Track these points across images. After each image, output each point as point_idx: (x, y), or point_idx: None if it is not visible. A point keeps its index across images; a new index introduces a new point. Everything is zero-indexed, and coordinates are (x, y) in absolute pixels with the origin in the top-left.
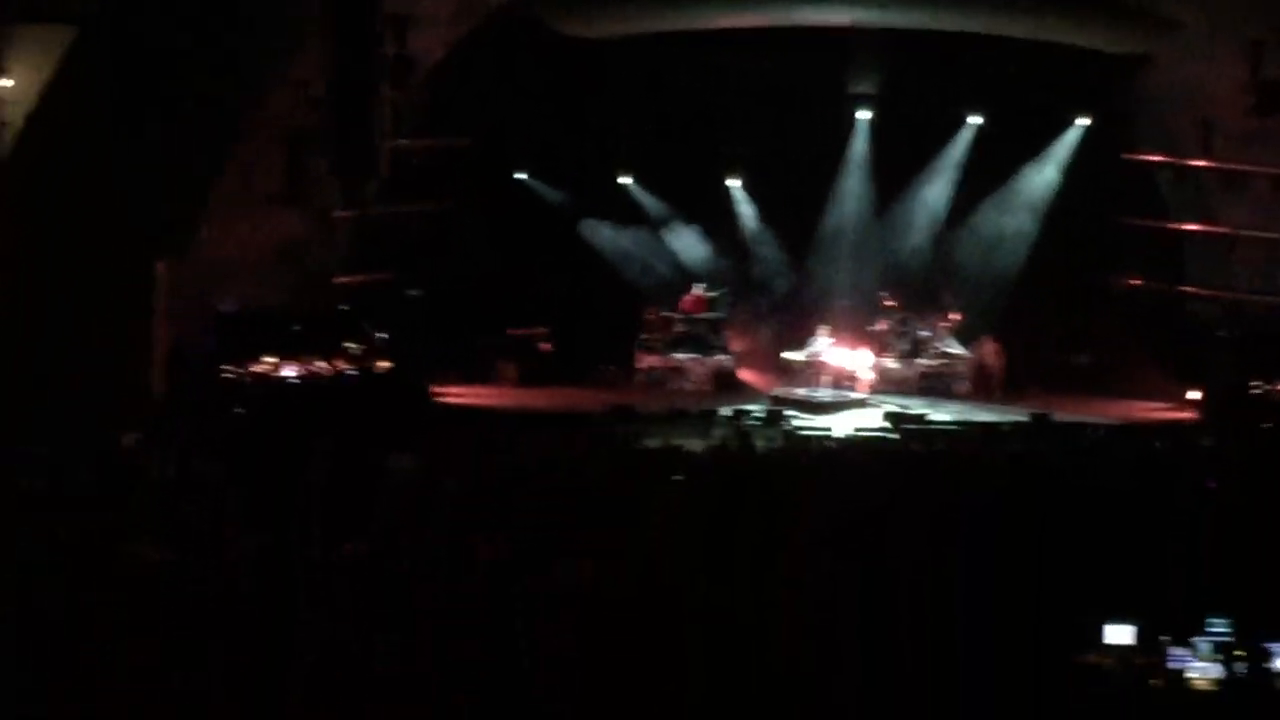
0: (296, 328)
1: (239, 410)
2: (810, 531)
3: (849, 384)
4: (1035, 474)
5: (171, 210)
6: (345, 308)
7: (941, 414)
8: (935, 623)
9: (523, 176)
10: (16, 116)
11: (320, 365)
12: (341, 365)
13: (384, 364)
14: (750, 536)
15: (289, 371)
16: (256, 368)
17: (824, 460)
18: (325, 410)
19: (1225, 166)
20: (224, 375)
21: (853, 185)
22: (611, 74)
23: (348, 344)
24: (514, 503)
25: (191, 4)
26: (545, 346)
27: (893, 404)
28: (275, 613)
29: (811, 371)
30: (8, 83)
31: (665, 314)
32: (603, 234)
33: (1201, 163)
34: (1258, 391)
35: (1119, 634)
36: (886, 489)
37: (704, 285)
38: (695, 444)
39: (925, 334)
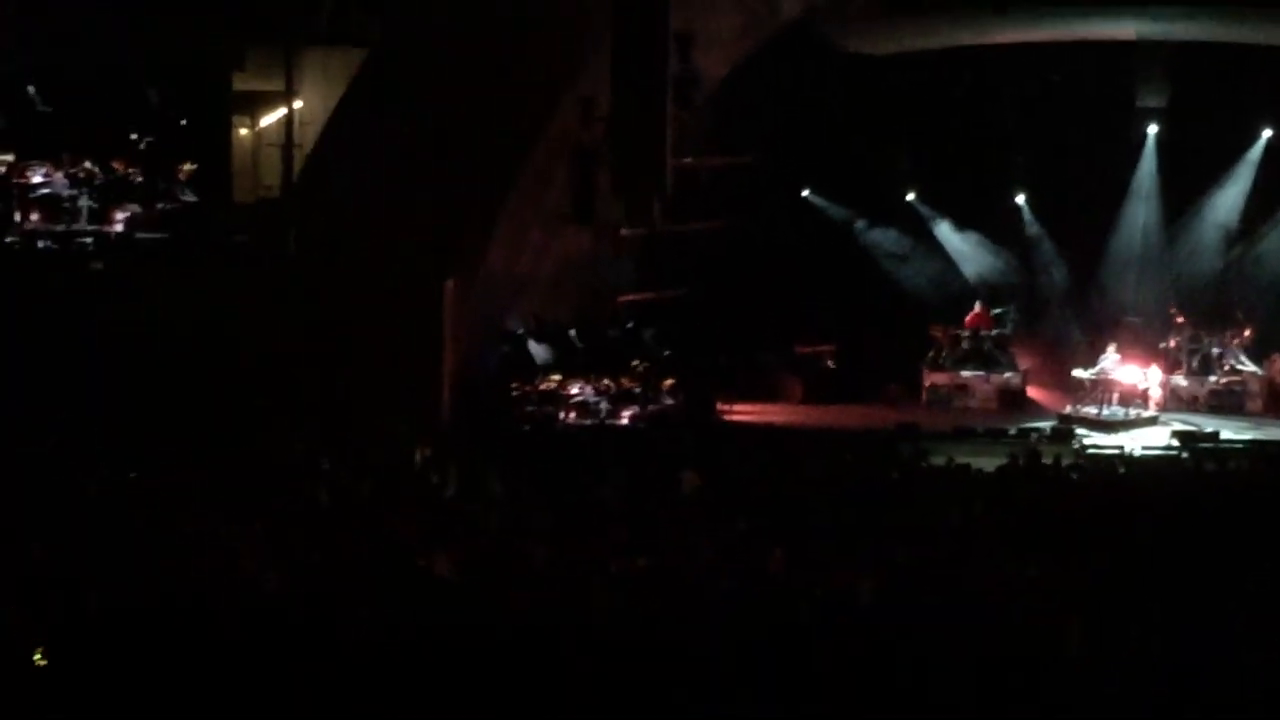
0: (581, 345)
1: (525, 427)
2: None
3: (1139, 402)
4: None
5: (460, 229)
6: (631, 325)
7: (1234, 432)
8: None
9: (807, 193)
10: (308, 138)
11: (605, 384)
12: (627, 383)
13: (669, 382)
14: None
15: (575, 390)
16: (543, 386)
17: (1120, 480)
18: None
19: None
20: (511, 392)
21: (1142, 200)
22: (895, 90)
23: (635, 362)
24: (802, 518)
25: (477, 23)
26: (830, 364)
27: (1183, 422)
28: (565, 624)
29: (1101, 389)
30: (299, 104)
31: (951, 331)
32: (887, 250)
33: None
34: None
35: None
36: (1188, 509)
37: (989, 301)
38: (983, 462)
39: (1216, 350)
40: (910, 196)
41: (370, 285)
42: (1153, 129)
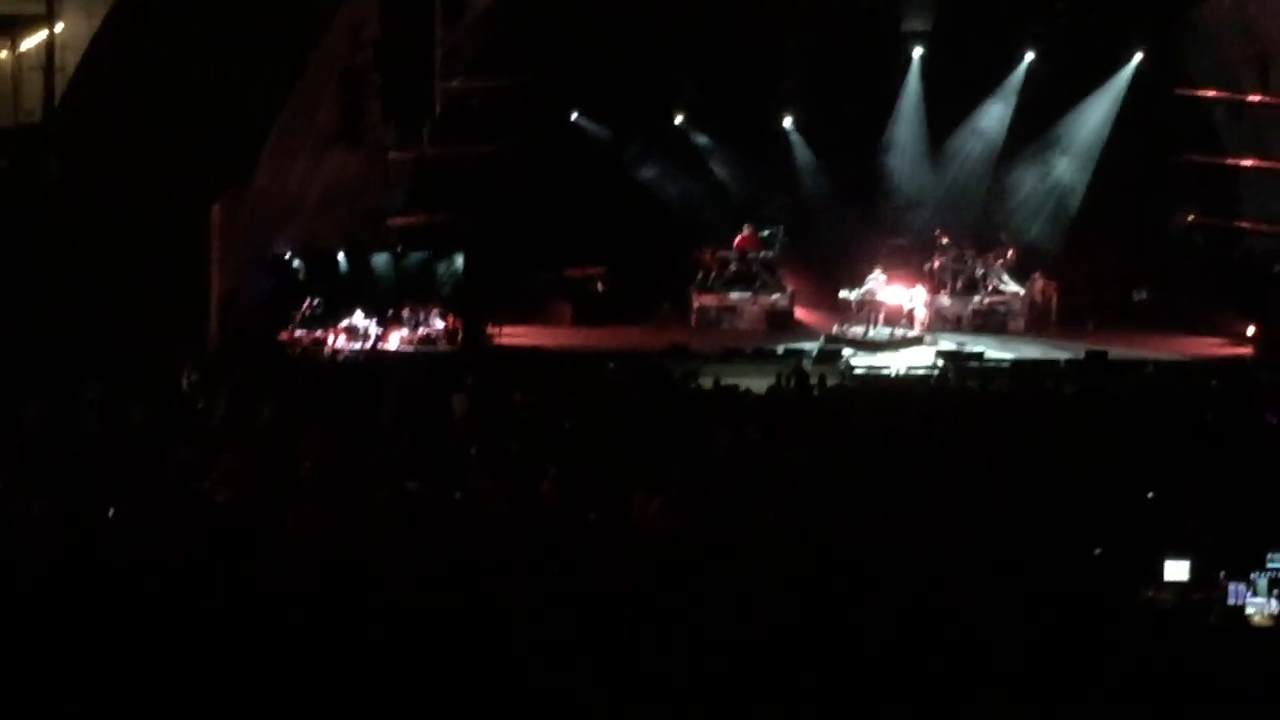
0: (349, 268)
1: (295, 352)
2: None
3: (904, 322)
4: (1093, 412)
5: (227, 152)
6: (400, 248)
7: (997, 351)
8: (997, 558)
9: (576, 116)
10: (70, 62)
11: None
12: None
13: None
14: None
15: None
16: (310, 309)
17: (882, 398)
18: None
19: None
20: (279, 316)
21: (907, 123)
22: (664, 13)
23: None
24: (573, 441)
25: None
26: (601, 286)
27: (948, 341)
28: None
29: (867, 310)
30: (61, 27)
31: (719, 253)
32: (656, 172)
33: (1257, 98)
34: None
35: (1177, 570)
36: (946, 427)
37: (757, 224)
38: (752, 382)
39: (980, 271)
40: (679, 119)
41: (136, 210)
42: (917, 52)
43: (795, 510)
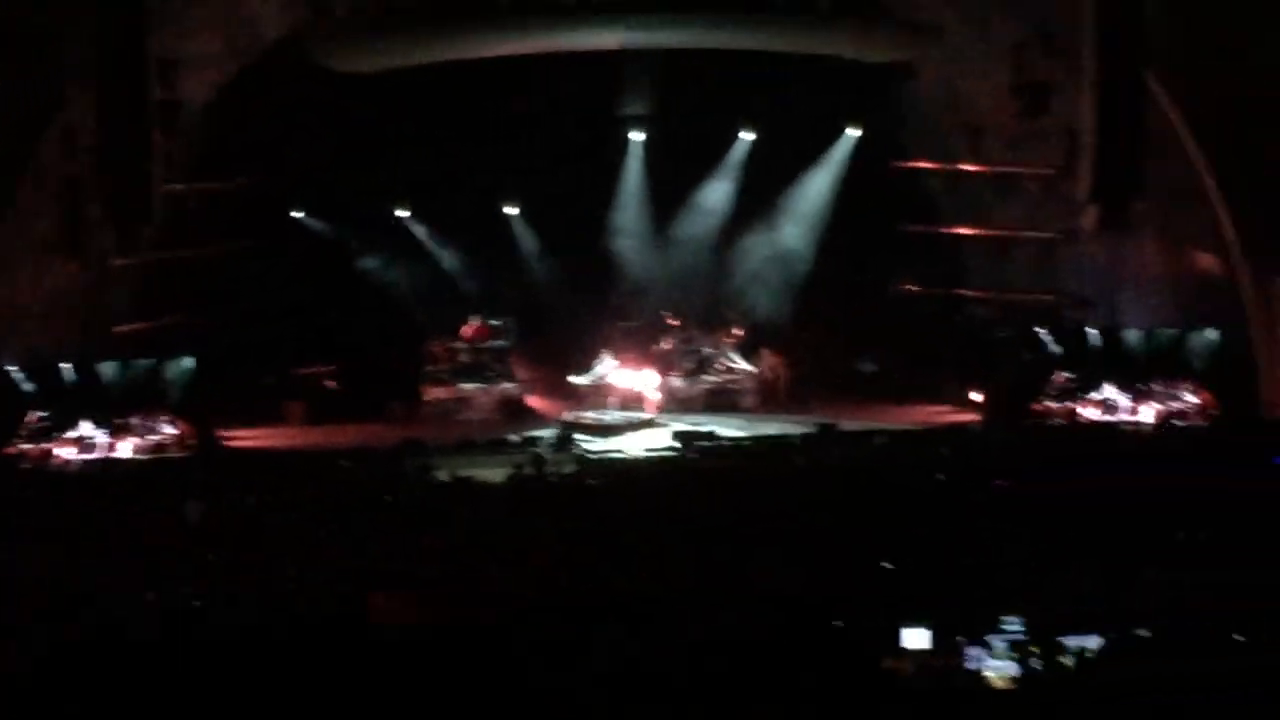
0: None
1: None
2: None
3: (637, 405)
4: (826, 484)
5: None
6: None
7: (730, 429)
8: (738, 632)
9: (301, 214)
10: None
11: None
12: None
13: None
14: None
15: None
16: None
17: (618, 481)
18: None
19: (995, 169)
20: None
21: (630, 206)
22: (383, 107)
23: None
24: (311, 540)
25: None
26: (331, 384)
27: (681, 422)
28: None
29: (599, 394)
30: None
31: (449, 345)
32: (383, 269)
33: (972, 167)
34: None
35: (916, 637)
36: (683, 506)
37: (484, 314)
38: (489, 473)
39: (709, 351)
40: (403, 213)
41: None
42: (637, 135)
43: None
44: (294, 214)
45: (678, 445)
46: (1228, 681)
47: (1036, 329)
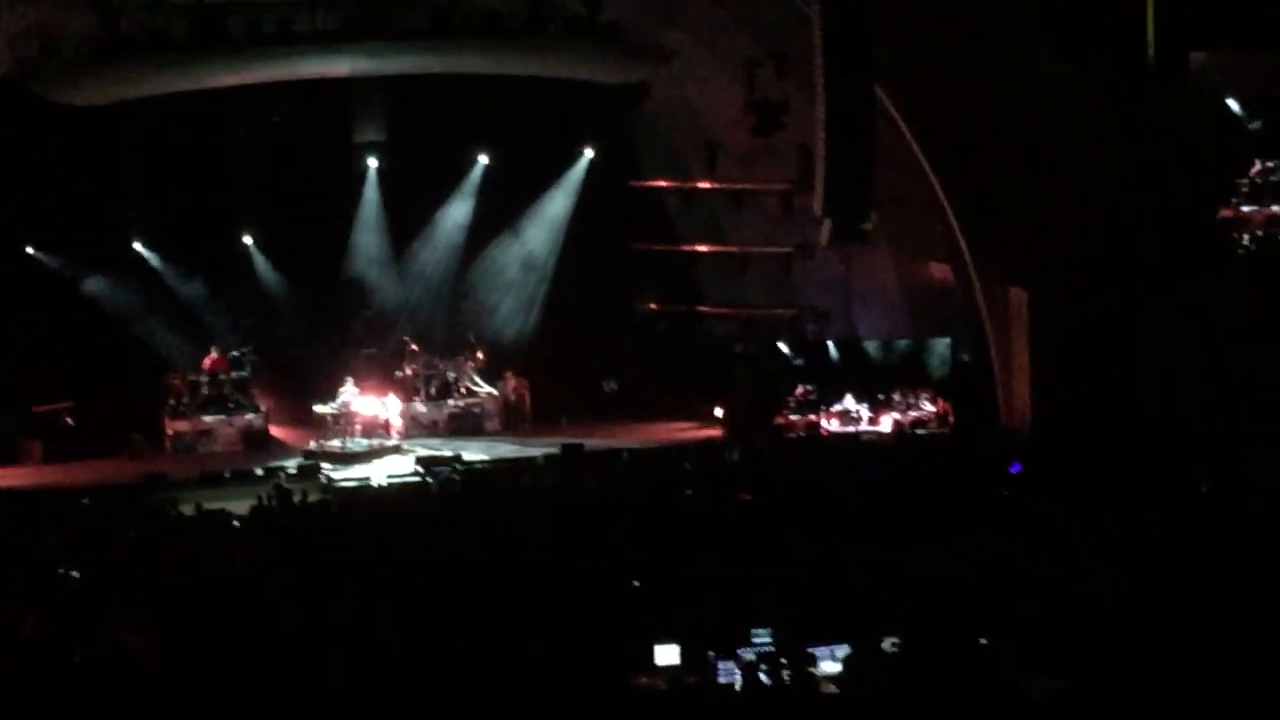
0: None
1: None
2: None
3: (382, 431)
4: (573, 505)
5: None
6: None
7: (475, 453)
8: (490, 657)
9: (30, 250)
10: None
11: None
12: None
13: None
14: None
15: None
16: None
17: (362, 510)
18: None
19: (731, 187)
20: None
21: (368, 233)
22: (116, 139)
23: None
24: (50, 580)
25: None
26: (70, 421)
27: (426, 448)
28: None
29: (343, 422)
30: None
31: (189, 377)
32: (116, 301)
33: (707, 184)
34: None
35: (668, 654)
36: (429, 532)
37: (224, 345)
38: (233, 505)
39: (451, 375)
40: (137, 245)
41: None
42: (373, 161)
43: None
44: (27, 249)
45: (421, 470)
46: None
47: (776, 343)
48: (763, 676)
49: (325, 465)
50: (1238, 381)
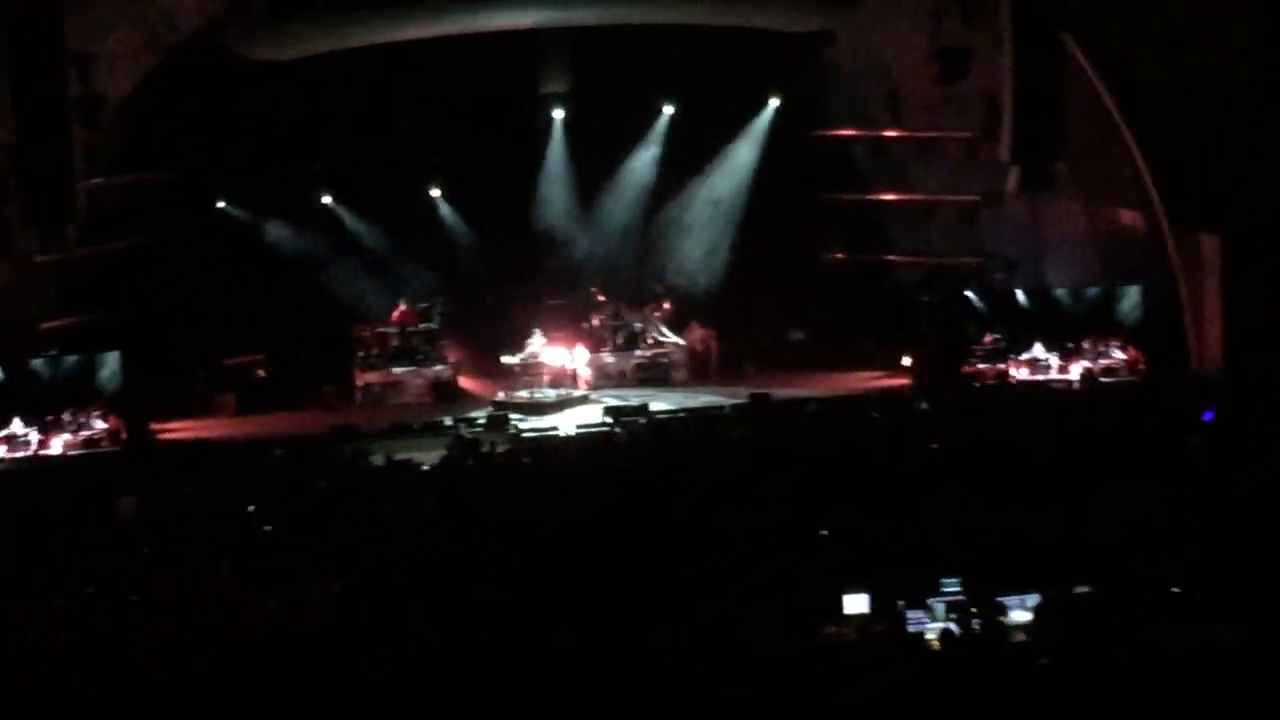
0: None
1: None
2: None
3: (569, 382)
4: (761, 454)
5: None
6: (56, 352)
7: (662, 403)
8: (679, 609)
9: (223, 204)
10: None
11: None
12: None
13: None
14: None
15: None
16: None
17: (553, 459)
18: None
19: (916, 135)
20: None
21: (554, 185)
22: (305, 94)
23: None
24: (247, 532)
25: None
26: (262, 373)
27: (613, 398)
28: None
29: (531, 373)
30: None
31: (378, 329)
32: (306, 254)
33: (893, 133)
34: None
35: (856, 603)
36: (620, 482)
37: (413, 297)
38: (423, 455)
39: (639, 325)
40: (326, 199)
41: None
42: (559, 113)
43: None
44: (220, 204)
45: (609, 421)
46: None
47: (964, 291)
48: (952, 626)
49: (514, 416)
50: None
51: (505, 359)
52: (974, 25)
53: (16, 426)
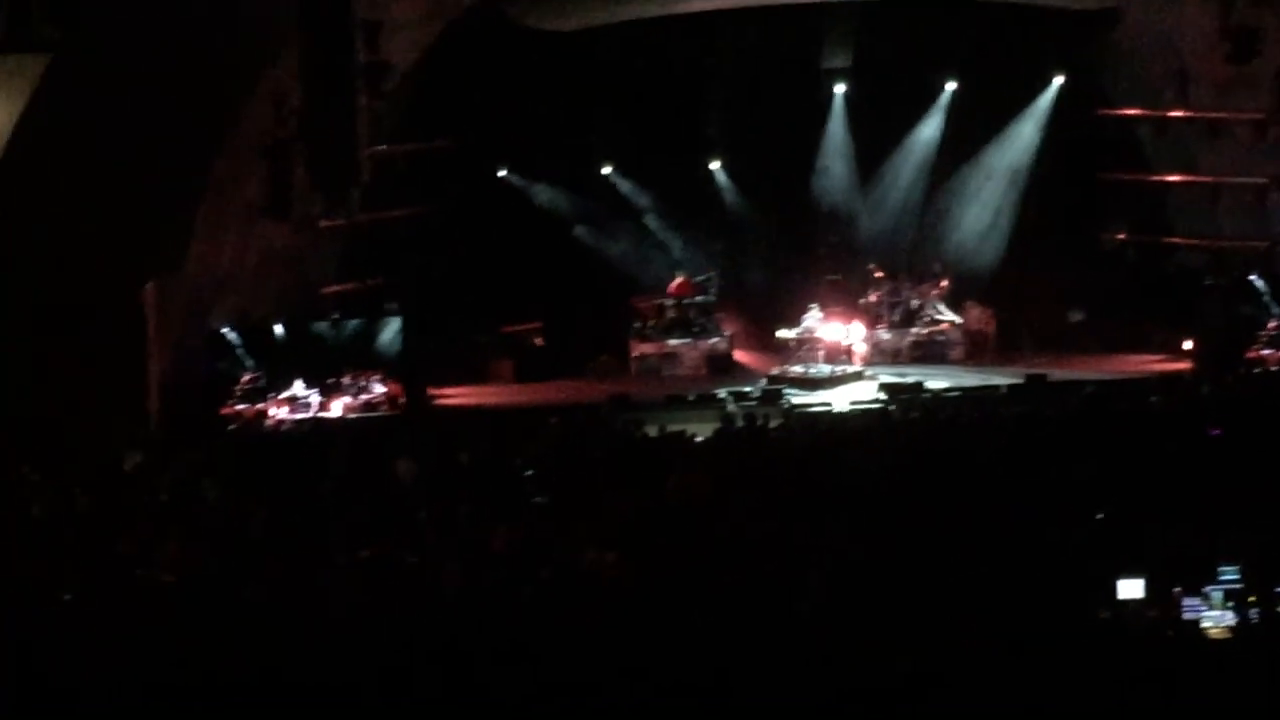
0: (287, 339)
1: (232, 427)
2: (825, 503)
3: (844, 358)
4: (1037, 435)
5: (157, 230)
6: (337, 316)
7: (937, 381)
8: (950, 587)
9: (504, 173)
10: None
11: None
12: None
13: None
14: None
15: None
16: (249, 382)
17: (828, 435)
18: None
19: (1204, 115)
20: (218, 392)
21: (834, 160)
22: (586, 65)
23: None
24: (522, 497)
25: (162, 21)
26: (539, 341)
27: (888, 375)
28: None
29: (806, 348)
30: None
31: (655, 301)
32: (588, 224)
33: (1180, 113)
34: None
35: (1131, 588)
36: (893, 459)
37: (691, 269)
38: (696, 428)
39: (916, 303)
40: (607, 170)
41: (70, 295)
42: (840, 88)
43: (746, 549)
44: (501, 173)
45: (884, 398)
46: None
47: (1248, 276)
48: (1228, 614)
49: (788, 390)
50: None
51: (781, 333)
52: (1266, 4)
53: (298, 388)
